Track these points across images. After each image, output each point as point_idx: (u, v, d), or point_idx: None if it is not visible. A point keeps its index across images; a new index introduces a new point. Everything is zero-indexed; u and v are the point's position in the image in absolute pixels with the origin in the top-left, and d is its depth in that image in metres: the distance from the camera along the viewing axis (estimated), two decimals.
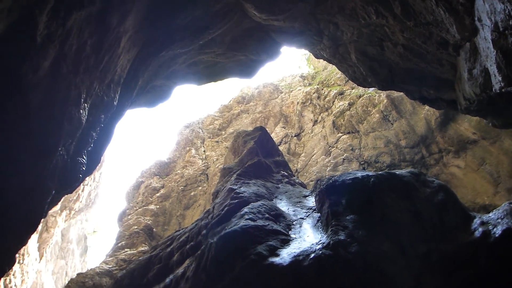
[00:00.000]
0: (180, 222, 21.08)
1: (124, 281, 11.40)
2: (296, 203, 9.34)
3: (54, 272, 36.21)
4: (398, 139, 18.87)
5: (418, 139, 18.17)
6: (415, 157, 18.05)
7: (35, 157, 7.01)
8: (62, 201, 23.86)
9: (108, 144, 11.18)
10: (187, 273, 8.39)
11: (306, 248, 6.23)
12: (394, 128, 19.24)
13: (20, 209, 7.14)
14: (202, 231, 9.56)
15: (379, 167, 18.61)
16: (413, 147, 18.28)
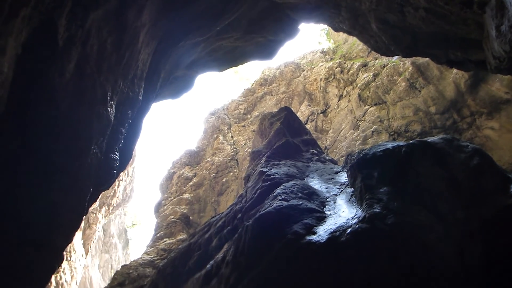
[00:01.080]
0: (215, 208, 21.40)
1: (167, 270, 11.73)
2: (328, 180, 9.31)
3: (100, 266, 37.61)
4: (427, 106, 18.42)
5: (448, 104, 17.68)
6: (447, 122, 17.61)
7: (70, 158, 7.23)
8: (100, 198, 24.58)
9: (137, 138, 11.41)
10: (227, 257, 8.55)
11: (342, 223, 6.23)
12: (422, 95, 18.77)
13: (63, 208, 7.42)
14: (237, 215, 9.68)
15: (410, 136, 18.26)
16: (443, 113, 17.82)
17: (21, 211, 6.45)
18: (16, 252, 6.66)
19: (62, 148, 7.00)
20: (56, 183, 7.00)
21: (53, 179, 6.91)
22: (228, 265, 8.17)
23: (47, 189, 6.85)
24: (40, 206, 6.79)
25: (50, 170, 6.80)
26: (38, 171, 6.57)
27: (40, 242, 7.13)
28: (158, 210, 23.29)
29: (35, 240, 6.96)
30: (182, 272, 10.93)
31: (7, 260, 6.53)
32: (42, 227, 7.01)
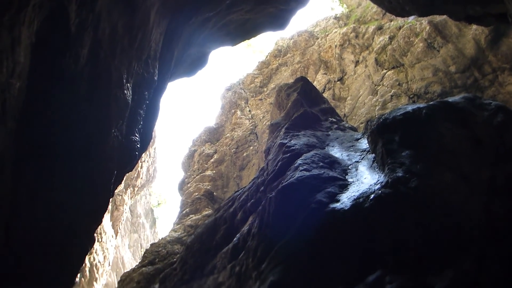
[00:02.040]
0: (237, 183, 21.62)
1: (195, 246, 12.00)
2: (348, 147, 9.26)
3: (130, 245, 38.76)
4: (446, 65, 17.94)
5: (468, 62, 17.18)
6: (468, 81, 17.15)
7: (93, 142, 7.36)
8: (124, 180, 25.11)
9: (156, 119, 11.51)
10: (252, 230, 8.68)
11: (365, 189, 6.23)
12: (441, 55, 18.26)
13: (90, 192, 7.63)
14: (260, 188, 9.77)
15: (430, 98, 17.89)
16: (464, 71, 17.35)
17: (50, 197, 6.65)
18: (50, 236, 6.91)
19: (84, 134, 7.12)
20: (81, 168, 7.16)
21: (78, 164, 7.08)
22: (254, 238, 8.31)
23: (74, 174, 7.03)
24: (68, 190, 6.98)
25: (75, 156, 6.96)
26: (63, 158, 6.73)
27: (72, 226, 7.37)
28: (182, 188, 23.68)
29: (67, 224, 7.20)
30: (210, 247, 11.16)
31: (42, 244, 6.79)
32: (72, 211, 7.23)
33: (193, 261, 11.63)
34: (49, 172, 6.59)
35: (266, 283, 6.22)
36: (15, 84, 4.92)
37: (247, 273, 8.21)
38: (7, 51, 4.45)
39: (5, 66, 4.43)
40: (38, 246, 6.72)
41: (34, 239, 6.58)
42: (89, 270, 21.35)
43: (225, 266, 9.68)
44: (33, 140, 6.17)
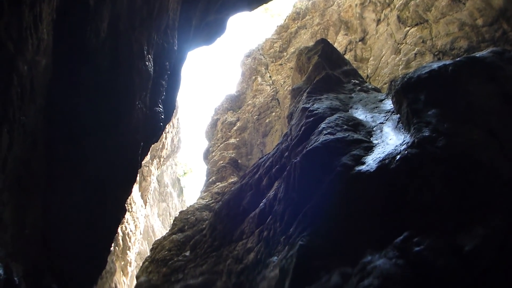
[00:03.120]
0: (261, 150, 21.72)
1: (222, 212, 12.25)
2: (372, 109, 9.13)
3: (159, 214, 39.86)
4: (473, 19, 17.20)
5: (496, 14, 16.41)
6: (496, 34, 16.45)
7: (119, 115, 7.49)
8: (150, 151, 25.55)
9: (178, 89, 11.58)
10: (279, 195, 8.78)
11: (391, 151, 6.18)
12: (467, 8, 17.48)
13: (119, 164, 7.84)
14: (284, 153, 9.81)
15: (456, 54, 17.29)
16: (491, 24, 16.61)
17: (83, 171, 6.87)
18: (84, 208, 7.18)
19: (109, 108, 7.25)
20: (109, 141, 7.33)
21: (106, 137, 7.24)
22: (280, 202, 8.42)
23: (103, 148, 7.21)
24: (98, 164, 7.19)
25: (102, 130, 7.11)
26: (92, 132, 6.89)
27: (104, 197, 7.63)
28: (207, 157, 23.97)
29: (100, 196, 7.45)
30: (237, 213, 11.39)
31: (78, 216, 7.07)
32: (103, 183, 7.46)
33: (222, 227, 11.91)
34: (80, 147, 6.78)
35: (295, 248, 6.33)
36: (41, 61, 5.01)
37: (275, 237, 8.37)
38: (30, 28, 4.51)
39: (30, 43, 4.50)
40: (75, 218, 7.01)
41: (70, 212, 6.86)
42: (122, 239, 22.13)
43: (253, 231, 9.89)
44: (62, 116, 6.32)
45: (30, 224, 5.75)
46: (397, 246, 4.95)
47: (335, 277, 5.34)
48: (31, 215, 5.75)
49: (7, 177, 4.47)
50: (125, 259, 22.93)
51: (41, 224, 6.20)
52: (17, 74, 4.28)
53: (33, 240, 5.93)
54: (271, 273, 7.58)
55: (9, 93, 4.13)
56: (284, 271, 6.40)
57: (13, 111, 4.31)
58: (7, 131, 4.21)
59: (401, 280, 4.48)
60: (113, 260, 20.23)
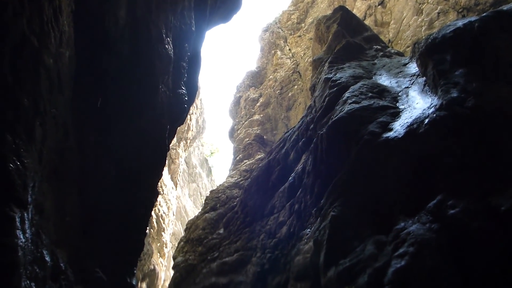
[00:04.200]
0: (286, 124, 21.66)
1: (252, 188, 12.39)
2: (397, 74, 8.94)
3: (190, 195, 40.58)
4: None
5: None
6: None
7: (143, 101, 7.60)
8: (176, 134, 25.86)
9: (199, 69, 11.59)
10: (307, 168, 8.80)
11: (418, 115, 6.06)
12: None
13: (148, 148, 7.99)
14: (309, 126, 9.77)
15: (482, 9, 16.58)
16: None
17: (114, 157, 7.05)
18: (118, 193, 7.39)
19: (133, 93, 7.35)
20: (136, 126, 7.47)
21: (133, 122, 7.38)
22: (309, 175, 8.44)
23: (130, 133, 7.35)
24: (128, 149, 7.35)
25: (129, 116, 7.24)
26: (119, 119, 7.03)
27: (136, 181, 7.82)
28: (232, 135, 24.10)
29: (132, 180, 7.64)
30: (267, 188, 11.49)
31: (112, 202, 7.29)
32: (135, 168, 7.65)
33: (252, 203, 12.07)
34: (109, 135, 6.94)
35: (328, 219, 6.37)
36: (64, 53, 5.10)
37: (306, 210, 8.44)
38: (51, 21, 4.58)
39: (52, 36, 4.57)
40: (110, 204, 7.23)
41: (105, 198, 7.07)
42: (156, 221, 22.69)
43: (284, 205, 9.99)
44: (89, 106, 6.46)
45: (70, 212, 5.97)
46: (430, 211, 4.91)
47: (369, 246, 5.36)
48: (69, 203, 5.96)
49: (44, 168, 4.64)
50: (161, 240, 23.58)
51: (79, 211, 6.43)
52: (44, 67, 4.38)
53: (74, 227, 6.17)
54: (305, 246, 7.68)
55: (38, 87, 4.24)
56: (318, 243, 6.47)
57: (44, 104, 4.43)
58: (40, 124, 4.34)
59: (437, 244, 4.47)
60: (149, 242, 20.84)
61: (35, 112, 4.22)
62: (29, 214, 3.87)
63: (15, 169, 3.59)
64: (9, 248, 3.34)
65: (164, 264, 24.72)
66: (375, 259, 5.05)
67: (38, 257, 4.23)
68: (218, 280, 11.30)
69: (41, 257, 4.34)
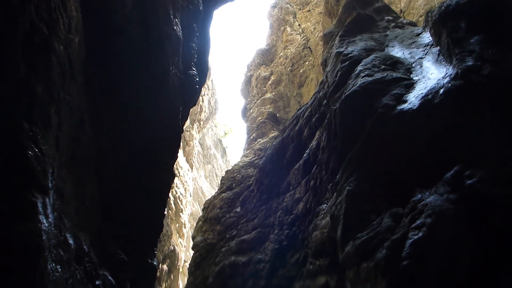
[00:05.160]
0: (298, 101, 21.53)
1: (267, 167, 12.44)
2: (409, 44, 8.76)
3: (206, 176, 40.95)
4: None
5: None
6: None
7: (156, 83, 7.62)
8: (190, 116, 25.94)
9: (209, 50, 11.53)
10: (321, 144, 8.78)
11: (433, 85, 5.96)
12: None
13: (163, 130, 8.05)
14: (322, 102, 9.70)
15: None
16: None
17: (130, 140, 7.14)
18: (136, 177, 7.50)
19: (144, 77, 7.37)
20: (150, 110, 7.51)
21: (146, 106, 7.42)
22: (324, 151, 8.43)
23: (145, 116, 7.41)
24: (143, 132, 7.43)
25: (142, 99, 7.28)
26: (132, 103, 7.08)
27: (153, 164, 7.91)
28: (245, 115, 24.08)
29: (149, 163, 7.74)
30: (282, 166, 11.53)
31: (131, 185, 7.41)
32: (151, 150, 7.73)
33: (268, 181, 12.14)
34: (123, 119, 7.00)
35: (343, 193, 6.38)
36: (74, 39, 5.11)
37: (322, 186, 8.46)
38: (59, 7, 4.57)
39: (61, 22, 4.58)
40: (129, 187, 7.35)
41: (123, 182, 7.19)
42: (174, 203, 22.99)
43: (300, 182, 10.02)
44: (102, 91, 6.51)
45: (89, 197, 6.09)
46: (448, 181, 4.88)
47: (386, 219, 5.37)
48: (88, 188, 6.07)
49: (62, 154, 4.71)
50: (179, 221, 23.94)
51: (98, 195, 6.55)
52: (55, 54, 4.40)
53: (94, 211, 6.29)
54: (322, 221, 7.72)
55: (51, 74, 4.27)
56: (335, 218, 6.50)
57: (57, 91, 4.47)
58: (55, 111, 4.39)
59: (455, 215, 4.45)
60: (168, 224, 21.17)
61: (50, 99, 4.26)
62: (51, 199, 3.96)
63: (34, 156, 3.66)
64: (34, 233, 3.44)
65: (184, 245, 25.16)
66: (392, 232, 5.06)
67: (61, 240, 4.34)
68: (238, 258, 11.48)
69: (64, 240, 4.45)
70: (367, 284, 5.08)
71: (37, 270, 3.47)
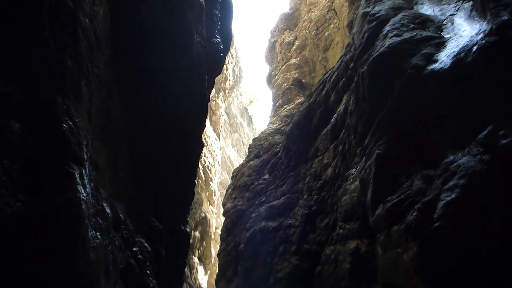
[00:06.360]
0: (324, 66, 21.15)
1: (294, 133, 12.42)
2: (440, 1, 8.36)
3: (233, 145, 41.29)
4: None
5: None
6: None
7: (179, 52, 7.62)
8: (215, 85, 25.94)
9: (232, 16, 11.40)
10: (349, 108, 8.67)
11: (466, 42, 5.72)
12: None
13: (189, 100, 8.12)
14: (349, 65, 9.50)
15: None
16: None
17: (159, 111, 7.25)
18: (166, 146, 7.64)
19: (169, 46, 7.37)
20: (176, 79, 7.55)
21: (172, 75, 7.46)
22: (352, 115, 8.32)
23: (171, 86, 7.47)
24: (171, 102, 7.51)
25: (167, 69, 7.32)
26: (159, 73, 7.13)
27: (182, 133, 8.03)
28: (270, 82, 23.90)
29: (178, 133, 7.85)
30: (309, 132, 11.48)
31: (162, 155, 7.56)
32: (179, 120, 7.83)
33: (295, 147, 12.15)
34: (150, 90, 7.08)
35: (373, 157, 6.34)
36: (99, 11, 5.14)
37: (350, 150, 8.41)
38: None
39: None
40: (159, 157, 7.51)
41: (154, 152, 7.34)
42: (203, 172, 23.39)
43: (328, 147, 9.99)
44: (128, 63, 6.57)
45: (122, 167, 6.26)
46: (481, 142, 4.75)
47: (417, 181, 5.32)
48: (121, 159, 6.24)
49: (94, 126, 4.84)
50: (209, 189, 24.41)
51: (131, 166, 6.72)
52: (81, 27, 4.44)
53: (127, 181, 6.48)
54: (352, 185, 7.72)
55: (79, 47, 4.33)
56: (364, 182, 6.49)
57: (86, 64, 4.54)
58: (85, 83, 4.48)
59: (488, 176, 4.36)
60: (198, 192, 21.62)
61: (79, 72, 4.34)
62: (87, 170, 4.10)
63: (69, 128, 3.76)
64: (74, 202, 3.58)
65: (215, 212, 25.74)
66: (424, 194, 5.02)
67: (99, 209, 4.51)
68: (268, 223, 11.68)
69: (102, 209, 4.63)
70: (398, 247, 5.10)
71: (78, 237, 3.64)
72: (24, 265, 3.13)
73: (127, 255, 5.62)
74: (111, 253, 4.72)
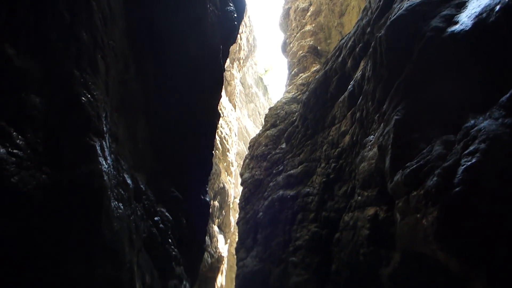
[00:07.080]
0: (340, 32, 20.69)
1: (311, 101, 12.31)
2: None
3: (249, 115, 41.24)
4: None
5: None
6: None
7: (193, 22, 7.55)
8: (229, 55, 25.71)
9: None
10: (366, 74, 8.52)
11: (488, 2, 5.49)
12: None
13: (205, 69, 8.09)
14: (366, 30, 9.29)
15: None
16: None
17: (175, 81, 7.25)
18: (183, 117, 7.68)
19: (183, 15, 7.30)
20: (191, 48, 7.52)
21: (187, 46, 7.42)
22: (369, 81, 8.19)
23: (187, 57, 7.43)
24: (188, 74, 7.51)
25: (182, 39, 7.27)
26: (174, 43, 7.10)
27: (199, 103, 8.05)
28: (285, 50, 23.56)
29: (194, 103, 7.87)
30: (326, 99, 11.37)
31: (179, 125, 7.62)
32: (196, 91, 7.83)
33: (312, 115, 12.06)
34: (166, 61, 7.07)
35: (391, 123, 6.26)
36: None
37: (368, 117, 8.32)
38: None
39: None
40: (177, 128, 7.57)
41: (171, 124, 7.40)
42: (220, 143, 23.51)
43: (345, 115, 9.90)
44: (143, 34, 6.54)
45: (141, 139, 6.34)
46: (503, 105, 4.64)
47: (436, 147, 5.25)
48: (139, 131, 6.31)
49: (112, 99, 4.88)
50: (227, 160, 24.60)
51: (150, 138, 6.80)
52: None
53: (146, 152, 6.58)
54: (370, 152, 7.68)
55: (93, 20, 4.32)
56: (382, 148, 6.44)
57: (101, 36, 4.54)
58: (101, 56, 4.49)
59: (510, 139, 4.28)
60: (216, 163, 21.82)
61: (95, 45, 4.35)
62: (107, 142, 4.17)
63: (87, 101, 3.81)
64: (96, 173, 3.67)
65: (232, 182, 26.02)
66: (444, 159, 4.96)
67: (120, 180, 4.61)
68: (286, 192, 11.77)
69: (123, 180, 4.73)
70: (417, 213, 5.10)
71: (102, 208, 3.74)
72: (52, 235, 3.25)
73: (149, 225, 5.77)
74: (133, 222, 4.85)
